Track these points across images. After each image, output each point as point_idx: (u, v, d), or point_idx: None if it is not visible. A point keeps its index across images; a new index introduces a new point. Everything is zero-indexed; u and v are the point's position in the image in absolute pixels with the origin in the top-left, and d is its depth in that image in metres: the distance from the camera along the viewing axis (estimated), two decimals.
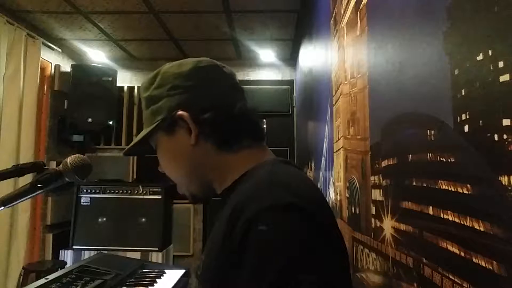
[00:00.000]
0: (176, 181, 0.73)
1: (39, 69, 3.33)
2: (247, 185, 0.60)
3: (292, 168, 0.67)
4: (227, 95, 0.70)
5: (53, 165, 3.39)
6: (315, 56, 2.39)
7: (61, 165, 0.83)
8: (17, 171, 0.81)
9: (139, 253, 2.84)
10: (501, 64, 0.47)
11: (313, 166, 2.48)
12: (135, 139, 0.73)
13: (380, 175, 0.97)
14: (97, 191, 3.07)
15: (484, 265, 0.50)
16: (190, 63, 0.70)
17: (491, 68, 0.49)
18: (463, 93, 0.57)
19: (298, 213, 0.49)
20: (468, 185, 0.55)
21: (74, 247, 2.96)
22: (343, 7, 1.42)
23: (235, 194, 0.61)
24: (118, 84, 3.85)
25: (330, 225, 0.53)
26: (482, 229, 0.51)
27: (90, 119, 3.49)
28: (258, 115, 0.72)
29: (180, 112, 0.66)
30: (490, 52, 0.50)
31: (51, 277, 1.25)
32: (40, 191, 0.81)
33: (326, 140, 1.87)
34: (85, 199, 3.05)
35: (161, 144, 0.71)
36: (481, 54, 0.52)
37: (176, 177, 0.72)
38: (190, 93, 0.67)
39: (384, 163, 0.94)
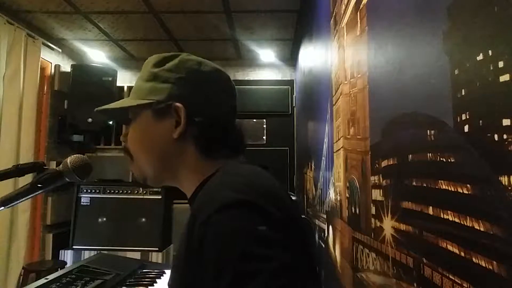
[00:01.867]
0: (136, 159, 0.72)
1: (39, 69, 3.34)
2: (202, 191, 0.61)
3: (247, 166, 0.67)
4: (226, 110, 0.72)
5: (53, 165, 3.40)
6: (315, 56, 2.39)
7: (61, 165, 0.83)
8: (17, 171, 0.81)
9: (139, 253, 2.84)
10: (501, 64, 0.47)
11: (313, 166, 2.48)
12: (118, 104, 0.73)
13: (380, 175, 0.97)
14: (97, 191, 3.08)
15: (484, 265, 0.50)
16: (210, 68, 0.71)
17: (491, 68, 0.49)
18: (463, 93, 0.57)
19: (246, 208, 0.50)
20: (468, 185, 0.55)
21: (74, 247, 2.96)
22: (343, 7, 1.42)
23: (196, 200, 0.62)
24: (118, 84, 3.85)
25: (283, 217, 0.53)
26: (482, 229, 0.51)
27: (90, 119, 3.49)
28: (243, 134, 0.75)
29: (178, 104, 0.66)
30: (490, 52, 0.50)
31: (51, 277, 1.25)
32: (40, 191, 0.81)
33: (326, 140, 1.87)
34: (85, 199, 3.06)
35: (143, 121, 0.70)
36: (481, 54, 0.52)
37: (140, 156, 0.71)
38: (196, 93, 0.69)
39: (384, 163, 0.94)
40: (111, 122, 3.72)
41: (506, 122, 0.46)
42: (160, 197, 3.05)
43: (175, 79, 0.68)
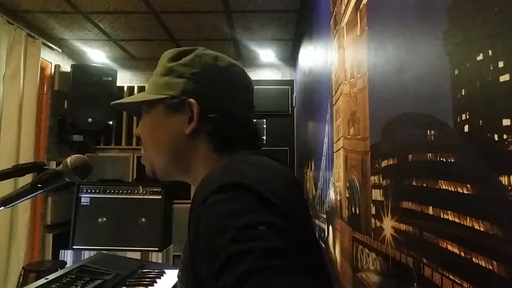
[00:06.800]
0: (148, 151, 0.72)
1: (39, 69, 3.33)
2: (204, 177, 0.59)
3: (257, 157, 0.64)
4: (240, 106, 0.71)
5: (53, 165, 3.39)
6: (315, 56, 2.39)
7: (61, 165, 0.83)
8: (17, 171, 0.81)
9: (139, 253, 2.84)
10: (501, 64, 0.47)
11: (313, 166, 2.47)
12: (133, 98, 0.73)
13: (380, 175, 0.97)
14: (97, 191, 3.08)
15: (484, 265, 0.50)
16: (226, 63, 0.71)
17: (491, 68, 0.49)
18: (463, 93, 0.57)
19: (243, 190, 0.49)
20: (468, 185, 0.55)
21: (74, 247, 2.96)
22: (343, 7, 1.42)
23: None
24: (118, 84, 3.85)
25: (285, 208, 0.50)
26: (482, 229, 0.51)
27: (90, 119, 3.49)
28: (260, 129, 0.74)
29: (192, 100, 0.66)
30: (490, 52, 0.50)
31: (51, 277, 1.25)
32: (40, 191, 0.81)
33: (326, 140, 1.87)
34: (85, 199, 3.06)
35: (156, 115, 0.70)
36: (481, 54, 0.52)
37: (149, 149, 0.72)
38: (210, 88, 0.68)
39: (384, 163, 0.94)
40: (111, 122, 3.72)
41: (506, 122, 0.46)
42: (160, 197, 3.05)
43: (190, 74, 0.67)
